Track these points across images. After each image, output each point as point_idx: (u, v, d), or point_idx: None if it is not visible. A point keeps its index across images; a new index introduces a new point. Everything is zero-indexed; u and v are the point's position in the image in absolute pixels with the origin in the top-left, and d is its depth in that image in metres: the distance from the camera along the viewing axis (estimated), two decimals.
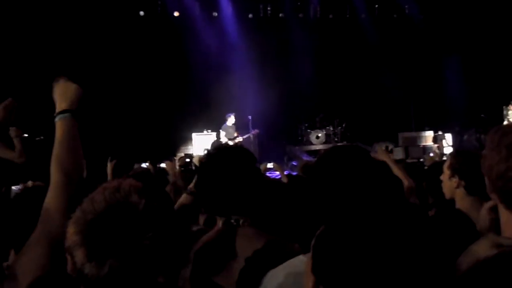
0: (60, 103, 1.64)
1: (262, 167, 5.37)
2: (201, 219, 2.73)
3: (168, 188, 2.96)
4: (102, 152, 10.37)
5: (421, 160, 7.55)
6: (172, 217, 1.31)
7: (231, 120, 11.62)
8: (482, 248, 1.08)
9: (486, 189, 1.35)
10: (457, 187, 2.23)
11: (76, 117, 1.63)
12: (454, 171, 2.25)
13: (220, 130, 11.66)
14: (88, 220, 1.10)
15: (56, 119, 1.60)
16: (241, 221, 1.66)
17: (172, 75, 13.01)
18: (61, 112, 1.61)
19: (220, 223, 1.72)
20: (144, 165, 6.97)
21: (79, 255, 1.09)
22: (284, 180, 4.08)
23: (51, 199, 1.47)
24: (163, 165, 5.55)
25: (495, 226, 1.44)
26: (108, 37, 12.19)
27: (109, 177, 4.44)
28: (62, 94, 1.66)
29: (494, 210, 1.42)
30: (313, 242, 0.96)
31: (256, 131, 12.01)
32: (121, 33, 12.44)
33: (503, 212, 1.31)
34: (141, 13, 13.20)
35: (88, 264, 1.07)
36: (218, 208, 1.69)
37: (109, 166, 4.54)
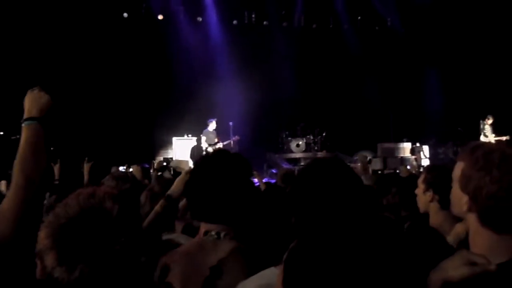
0: (30, 110, 1.72)
1: None
2: (179, 227, 2.70)
3: (144, 194, 2.91)
4: (81, 154, 10.25)
5: (397, 171, 7.64)
6: (141, 224, 1.31)
7: (212, 125, 11.60)
8: (453, 266, 1.09)
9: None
10: (431, 201, 2.27)
11: (43, 125, 1.71)
12: (429, 185, 2.29)
13: (201, 135, 11.62)
14: (60, 224, 1.10)
15: (24, 124, 1.68)
16: (222, 234, 1.63)
17: (154, 79, 12.94)
18: (29, 119, 1.69)
19: (201, 232, 1.69)
20: (121, 168, 6.90)
21: (49, 258, 1.08)
22: (262, 187, 4.08)
23: (8, 199, 1.51)
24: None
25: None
26: (90, 38, 12.08)
27: (85, 178, 4.39)
28: (33, 101, 1.74)
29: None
30: (285, 255, 0.96)
31: (237, 137, 12.01)
32: (104, 35, 12.33)
33: (476, 230, 1.34)
34: (125, 15, 13.11)
35: (58, 268, 1.07)
36: (207, 214, 1.67)
37: (85, 167, 4.48)
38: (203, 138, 11.49)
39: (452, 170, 1.45)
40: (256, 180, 6.00)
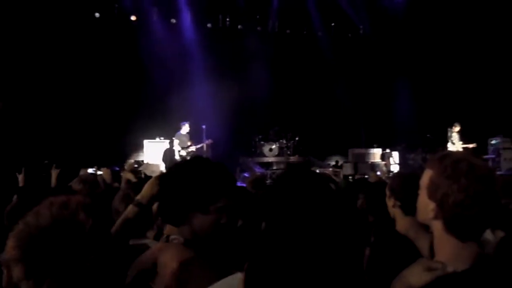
0: None
1: None
2: (152, 233, 2.65)
3: (118, 197, 2.84)
4: (50, 156, 10.04)
5: (366, 176, 7.74)
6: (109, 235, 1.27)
7: (185, 128, 11.50)
8: (414, 273, 1.12)
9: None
10: (394, 207, 2.32)
11: None
12: (392, 191, 2.35)
13: (174, 138, 11.51)
14: (30, 234, 1.05)
15: None
16: (171, 237, 1.63)
17: (126, 80, 12.75)
18: None
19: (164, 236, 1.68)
20: (90, 170, 6.76)
21: (17, 270, 1.04)
22: None
23: None
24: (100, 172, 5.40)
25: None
26: (60, 38, 11.84)
27: (53, 184, 4.28)
28: None
29: None
30: (246, 264, 0.96)
31: (210, 141, 11.94)
32: (74, 35, 12.10)
33: (441, 238, 1.37)
34: (97, 14, 12.89)
35: (25, 282, 1.03)
36: (174, 218, 1.66)
37: (53, 174, 4.36)
38: (176, 141, 11.38)
39: (420, 176, 1.49)
40: None
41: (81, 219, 1.09)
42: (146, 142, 12.53)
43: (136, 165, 7.08)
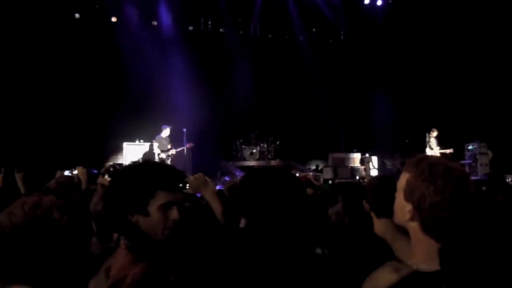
0: None
1: None
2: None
3: (96, 199, 2.79)
4: (26, 157, 9.85)
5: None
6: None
7: (166, 132, 11.41)
8: (383, 274, 1.13)
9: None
10: (368, 209, 2.34)
11: None
12: (366, 194, 2.37)
13: (153, 141, 11.42)
14: (3, 234, 1.05)
15: None
16: (121, 242, 1.57)
17: (106, 81, 12.61)
18: None
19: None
20: (67, 172, 6.64)
21: None
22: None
23: None
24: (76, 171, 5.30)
25: None
26: (39, 38, 11.65)
27: (21, 188, 4.19)
28: None
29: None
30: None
31: (191, 144, 11.88)
32: (53, 35, 11.93)
33: (417, 239, 1.39)
34: (77, 15, 12.72)
35: None
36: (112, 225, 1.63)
37: (17, 178, 4.27)
38: (155, 144, 11.30)
39: (394, 179, 1.50)
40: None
41: (55, 217, 1.08)
42: (125, 145, 12.39)
43: (112, 169, 6.97)
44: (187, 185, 2.50)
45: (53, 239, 1.07)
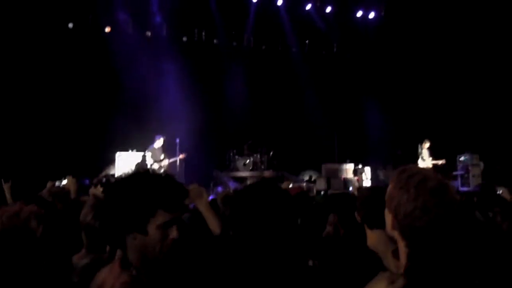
0: None
1: None
2: None
3: (87, 210, 2.77)
4: (18, 167, 9.76)
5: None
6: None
7: (159, 142, 11.34)
8: (377, 286, 1.12)
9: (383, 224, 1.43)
10: (360, 221, 2.33)
11: None
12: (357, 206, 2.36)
13: (146, 151, 11.36)
14: None
15: None
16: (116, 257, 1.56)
17: (99, 91, 12.56)
18: None
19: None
20: (58, 182, 6.58)
21: None
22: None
23: None
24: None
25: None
26: (32, 48, 11.62)
27: (8, 198, 4.15)
28: None
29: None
30: None
31: (184, 155, 11.84)
32: (47, 45, 11.89)
33: (401, 247, 1.39)
34: (70, 25, 12.72)
35: None
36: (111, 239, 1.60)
37: (6, 189, 4.23)
38: (148, 154, 11.24)
39: (377, 191, 1.51)
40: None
41: (32, 226, 1.07)
42: (118, 155, 12.31)
43: (105, 179, 6.92)
44: None
45: (30, 248, 1.06)
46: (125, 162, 11.98)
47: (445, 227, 1.31)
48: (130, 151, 12.25)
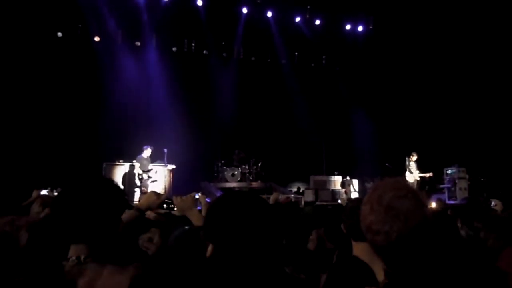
0: None
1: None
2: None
3: None
4: (2, 175, 9.62)
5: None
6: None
7: (147, 152, 11.25)
8: None
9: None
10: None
11: None
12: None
13: (134, 162, 11.26)
14: None
15: None
16: (82, 257, 1.49)
17: (87, 100, 12.48)
18: None
19: None
20: (44, 191, 6.50)
21: None
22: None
23: None
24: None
25: None
26: (21, 56, 11.53)
27: None
28: None
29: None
30: None
31: (173, 166, 11.74)
32: (36, 53, 11.82)
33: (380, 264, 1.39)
34: (59, 34, 12.66)
35: None
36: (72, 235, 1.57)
37: None
38: (137, 165, 11.15)
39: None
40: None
41: (14, 235, 1.06)
42: (105, 165, 12.16)
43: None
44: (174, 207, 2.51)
45: (10, 257, 1.04)
46: (112, 172, 11.84)
47: (411, 241, 1.30)
48: (116, 161, 12.09)
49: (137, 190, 11.13)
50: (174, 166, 11.70)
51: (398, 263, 1.31)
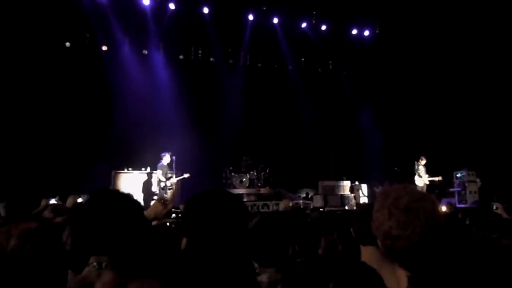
0: None
1: None
2: None
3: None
4: (13, 184, 9.70)
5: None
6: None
7: (166, 159, 11.19)
8: None
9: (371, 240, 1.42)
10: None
11: None
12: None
13: (158, 169, 11.21)
14: None
15: None
16: (103, 264, 1.57)
17: (95, 109, 12.57)
18: None
19: None
20: (53, 200, 6.54)
21: None
22: None
23: None
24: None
25: None
26: (30, 66, 11.66)
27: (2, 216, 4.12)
28: None
29: None
30: None
31: (188, 175, 11.66)
32: (44, 63, 11.94)
33: (401, 271, 1.38)
34: (67, 44, 12.79)
35: None
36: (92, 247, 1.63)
37: (0, 208, 4.21)
38: (159, 172, 11.09)
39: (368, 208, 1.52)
40: None
41: (3, 243, 1.07)
42: (114, 173, 12.21)
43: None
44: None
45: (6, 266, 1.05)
46: (121, 180, 11.89)
47: (431, 245, 1.27)
48: (125, 169, 12.14)
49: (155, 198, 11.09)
50: (188, 175, 11.63)
51: (421, 266, 1.29)
